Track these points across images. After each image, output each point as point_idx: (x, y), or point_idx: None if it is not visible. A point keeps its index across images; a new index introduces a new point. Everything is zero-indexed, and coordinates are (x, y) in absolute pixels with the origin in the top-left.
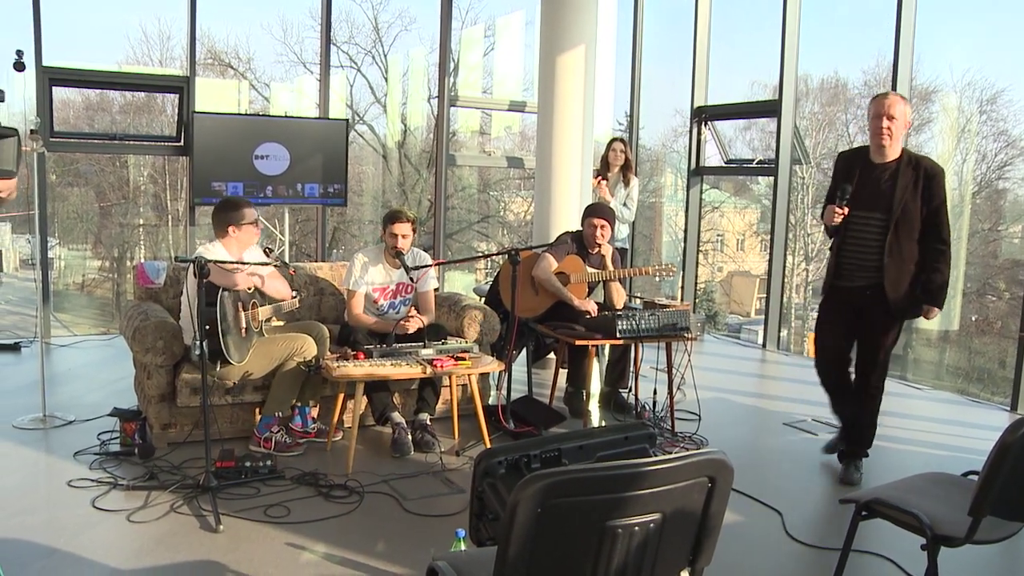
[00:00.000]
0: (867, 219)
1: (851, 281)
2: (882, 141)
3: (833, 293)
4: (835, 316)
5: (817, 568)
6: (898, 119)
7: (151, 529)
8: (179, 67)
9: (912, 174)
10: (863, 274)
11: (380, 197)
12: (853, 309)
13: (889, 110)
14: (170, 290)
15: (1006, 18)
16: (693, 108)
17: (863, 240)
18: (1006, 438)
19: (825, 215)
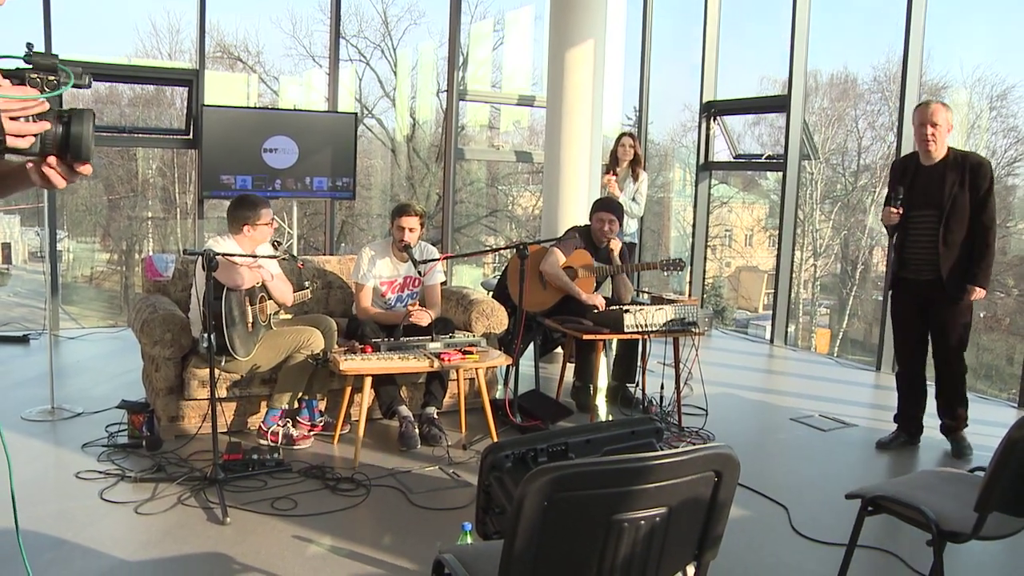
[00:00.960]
0: (922, 216)
1: (916, 275)
2: (928, 147)
3: (901, 285)
4: (906, 312)
5: (823, 563)
6: (941, 125)
7: (158, 521)
8: (188, 60)
9: (959, 169)
10: (926, 267)
11: (388, 191)
12: (921, 301)
13: (932, 118)
14: (178, 283)
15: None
16: (702, 103)
17: (921, 236)
18: (1012, 434)
19: (883, 216)
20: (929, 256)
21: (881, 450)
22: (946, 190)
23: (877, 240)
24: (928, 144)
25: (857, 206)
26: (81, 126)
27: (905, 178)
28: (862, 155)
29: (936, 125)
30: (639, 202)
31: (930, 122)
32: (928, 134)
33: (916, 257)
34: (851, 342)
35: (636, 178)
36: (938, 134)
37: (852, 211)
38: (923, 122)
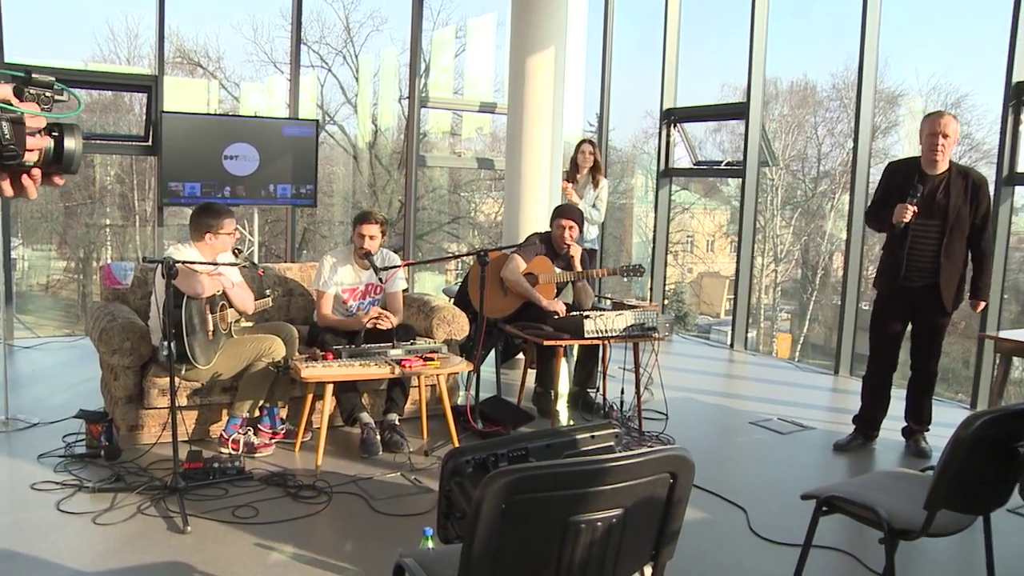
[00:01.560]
0: (925, 226)
1: (911, 282)
2: (936, 156)
3: (893, 294)
4: (893, 320)
5: (780, 564)
6: (950, 137)
7: (117, 531)
8: (147, 66)
9: (962, 184)
10: (922, 275)
11: (350, 198)
12: (911, 306)
13: (944, 129)
14: (138, 291)
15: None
16: (662, 110)
17: (922, 244)
18: (959, 433)
19: (896, 213)
20: (928, 265)
21: (838, 452)
22: (952, 203)
23: (837, 246)
24: (936, 154)
25: (817, 212)
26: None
27: (908, 183)
28: (821, 161)
29: (946, 136)
30: (600, 208)
31: (942, 132)
32: (939, 144)
33: (914, 264)
34: (812, 347)
35: (596, 185)
36: (947, 145)
37: (812, 217)
38: (934, 132)
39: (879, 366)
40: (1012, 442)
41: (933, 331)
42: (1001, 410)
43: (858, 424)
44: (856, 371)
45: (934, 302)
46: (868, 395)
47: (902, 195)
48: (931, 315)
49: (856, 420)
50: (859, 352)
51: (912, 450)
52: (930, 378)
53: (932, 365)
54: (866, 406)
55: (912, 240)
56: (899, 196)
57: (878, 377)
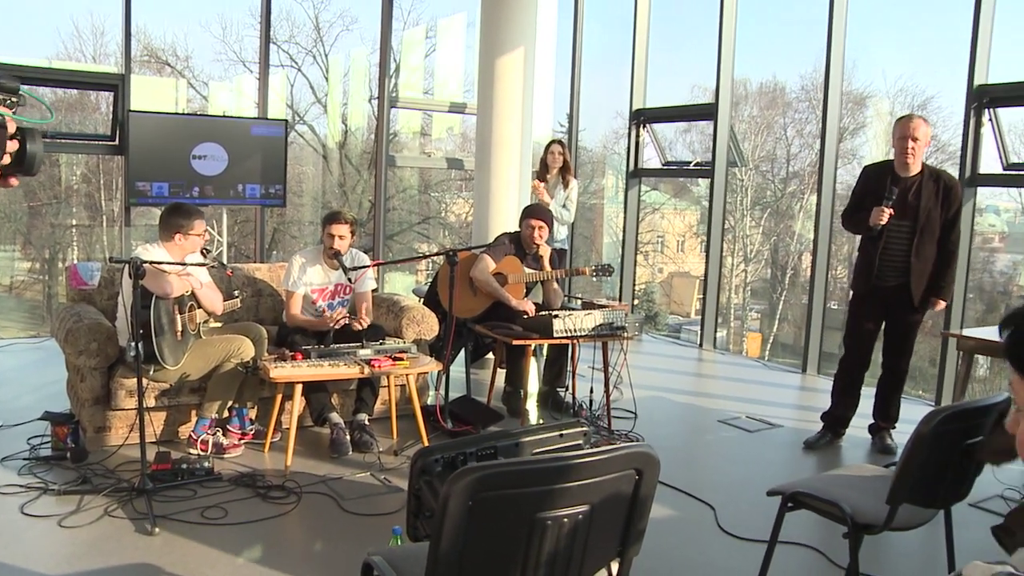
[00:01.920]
0: (898, 226)
1: (884, 281)
2: (906, 159)
3: (867, 293)
4: (867, 320)
5: (748, 560)
6: (920, 139)
7: (84, 534)
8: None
9: (934, 186)
10: (894, 274)
11: (320, 198)
12: (884, 306)
13: (914, 132)
14: (104, 292)
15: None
16: (632, 111)
17: (894, 245)
18: (920, 429)
19: (873, 216)
20: (899, 264)
21: (807, 449)
22: (923, 204)
23: (806, 246)
24: (907, 156)
25: (786, 212)
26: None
27: (882, 185)
28: (791, 162)
29: (916, 139)
30: (569, 208)
31: (911, 136)
32: (908, 148)
33: (886, 264)
34: (782, 346)
35: (566, 185)
36: (917, 148)
37: (781, 217)
38: (904, 135)
39: (851, 364)
40: (971, 437)
41: (905, 330)
42: (961, 406)
43: (827, 421)
44: (824, 369)
45: (906, 301)
46: (839, 393)
47: (877, 198)
48: (903, 314)
49: (825, 417)
50: (827, 351)
51: (878, 447)
52: (900, 376)
53: (903, 363)
54: (836, 404)
55: (885, 241)
56: (874, 198)
57: (850, 375)
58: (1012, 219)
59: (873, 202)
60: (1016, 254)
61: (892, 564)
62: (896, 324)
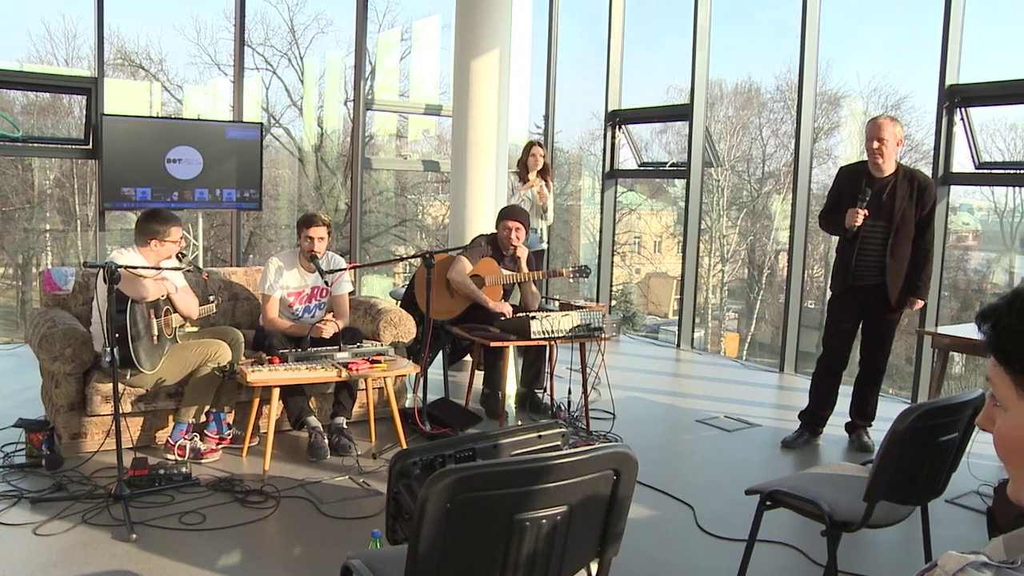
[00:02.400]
0: (873, 226)
1: (861, 280)
2: (876, 159)
3: (845, 293)
4: (845, 320)
5: (727, 559)
6: (888, 139)
7: (59, 542)
8: (87, 67)
9: (908, 186)
10: (871, 273)
11: (296, 201)
12: (861, 305)
13: (880, 133)
14: (79, 296)
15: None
16: (607, 112)
17: (870, 244)
18: (896, 427)
19: (848, 218)
20: (875, 264)
21: (786, 448)
22: (897, 204)
23: (783, 246)
24: (876, 157)
25: (762, 212)
26: None
27: (857, 185)
28: (766, 162)
29: (883, 140)
30: (549, 210)
31: (877, 136)
32: (874, 148)
33: (862, 264)
34: (759, 346)
35: (546, 187)
36: (885, 149)
37: (758, 217)
38: (871, 136)
39: (830, 364)
40: (946, 434)
41: (883, 329)
42: (935, 403)
43: (805, 420)
44: (801, 368)
45: (882, 300)
46: (817, 392)
47: (852, 198)
48: (880, 313)
49: (803, 416)
50: (804, 350)
51: (855, 445)
52: (877, 375)
53: (880, 362)
54: (814, 402)
55: (861, 241)
56: (850, 199)
57: (828, 374)
58: (985, 217)
59: (849, 203)
60: (990, 252)
61: (870, 561)
62: (873, 323)
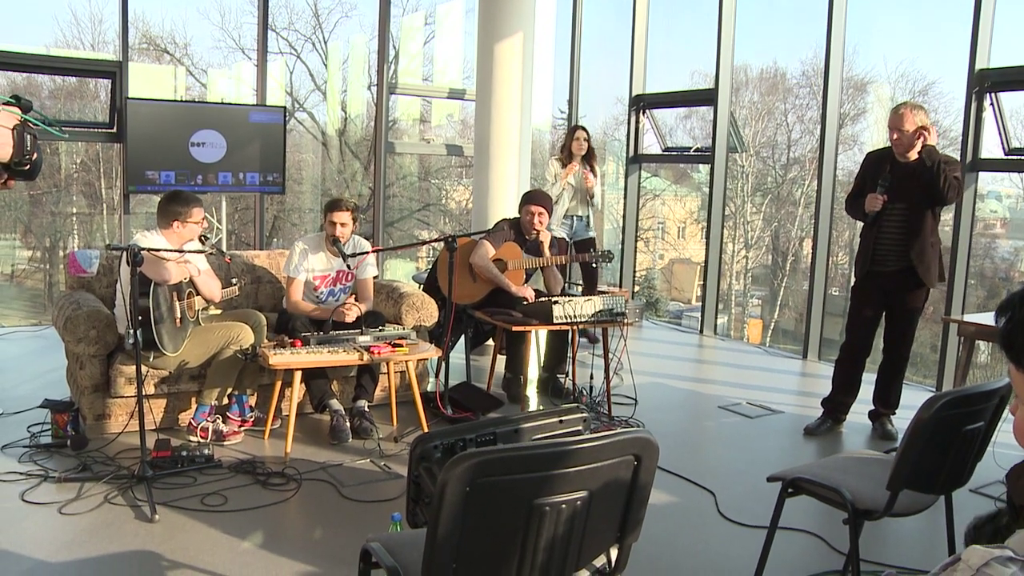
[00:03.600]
0: (892, 210)
1: (884, 266)
2: (897, 150)
3: (868, 278)
4: (868, 306)
5: (748, 546)
6: (908, 129)
7: (84, 521)
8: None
9: (930, 166)
10: (892, 258)
11: (320, 185)
12: (884, 291)
13: (901, 124)
14: (103, 279)
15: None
16: (631, 97)
17: (890, 228)
18: (921, 415)
19: (867, 203)
20: (897, 248)
21: (808, 436)
22: (916, 186)
23: (807, 232)
24: (898, 148)
25: (787, 198)
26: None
27: (882, 170)
28: (791, 148)
29: (903, 131)
30: (598, 195)
31: (897, 128)
32: (894, 139)
33: (882, 249)
34: (783, 332)
35: (594, 172)
36: (904, 138)
37: (782, 203)
38: (892, 127)
39: (853, 351)
40: (972, 423)
41: (907, 315)
42: (961, 392)
43: (827, 407)
44: (824, 356)
45: (908, 285)
46: (839, 379)
47: (876, 184)
48: (905, 299)
49: (825, 403)
50: (827, 337)
51: (879, 433)
52: (901, 363)
53: (904, 350)
54: (836, 390)
55: (880, 226)
56: (874, 185)
57: (851, 361)
58: (1014, 205)
59: (873, 188)
60: (1018, 240)
61: (892, 550)
62: (897, 310)
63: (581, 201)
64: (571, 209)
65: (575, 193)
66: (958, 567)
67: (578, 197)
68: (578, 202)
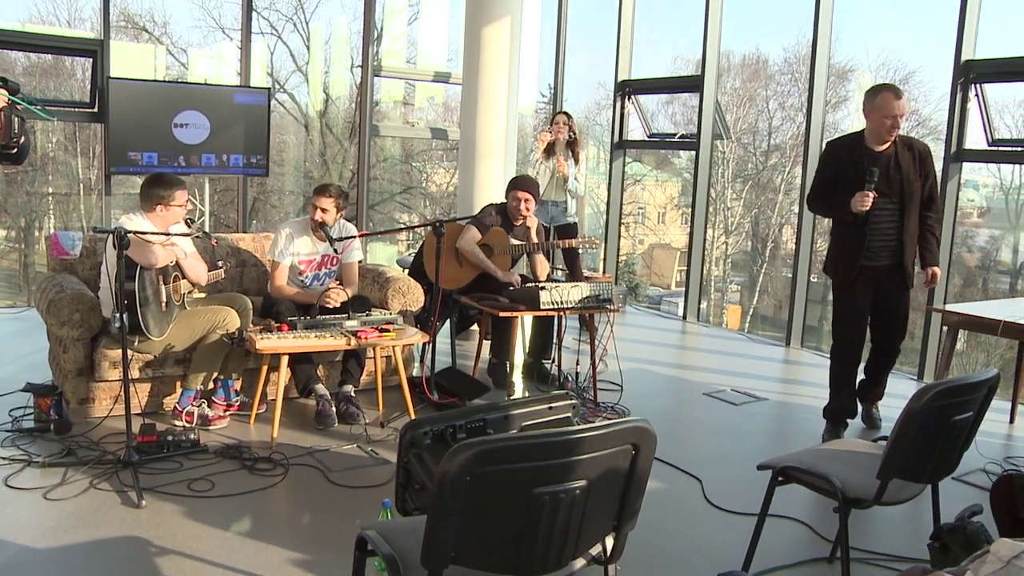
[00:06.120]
0: (883, 205)
1: (874, 261)
2: (888, 136)
3: (854, 278)
4: (859, 305)
5: (735, 532)
6: (904, 114)
7: (69, 506)
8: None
9: (910, 156)
10: (885, 254)
11: (301, 167)
12: (873, 288)
13: (903, 111)
14: (86, 261)
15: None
16: (617, 82)
17: (881, 224)
18: (912, 405)
19: (856, 202)
20: (889, 244)
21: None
22: (903, 177)
23: (787, 218)
24: (892, 134)
25: (767, 185)
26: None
27: (855, 161)
28: (772, 135)
29: (900, 116)
30: (580, 182)
31: (900, 114)
32: (888, 125)
33: (874, 246)
34: (761, 318)
35: (576, 159)
36: (897, 126)
37: (763, 190)
38: (892, 114)
39: (846, 356)
40: (960, 413)
41: (900, 309)
42: (952, 382)
43: (831, 417)
44: (807, 342)
45: (898, 279)
46: (838, 388)
47: (858, 177)
48: (896, 293)
49: (828, 413)
50: (809, 324)
51: (865, 421)
52: (895, 356)
53: (898, 344)
54: (837, 395)
55: (871, 220)
56: (854, 179)
57: (846, 369)
58: (991, 194)
59: (851, 182)
60: (995, 229)
61: (878, 537)
62: (891, 304)
63: (557, 186)
64: (546, 194)
65: (551, 178)
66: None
67: (554, 182)
68: (554, 187)
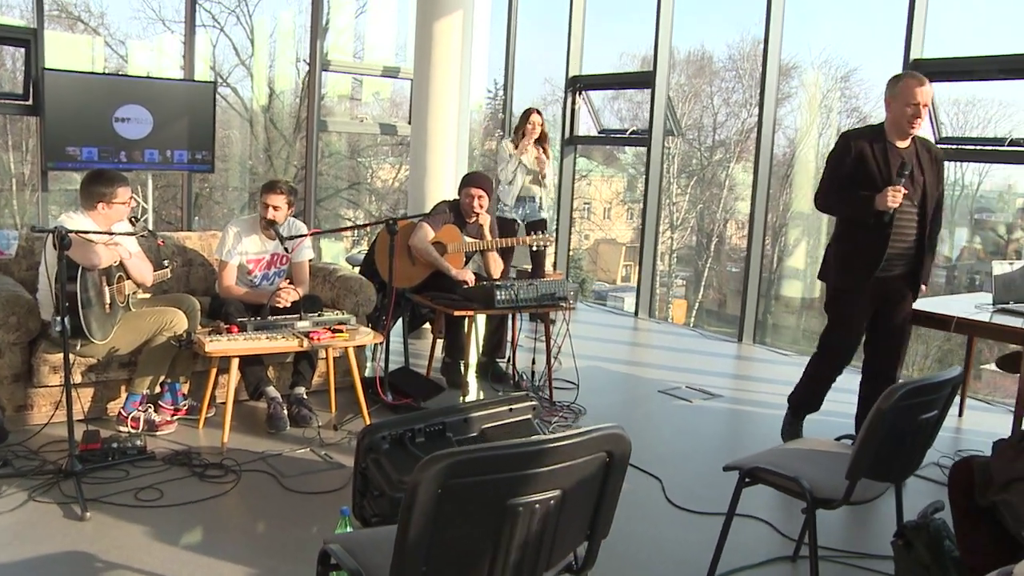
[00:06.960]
0: (905, 207)
1: (888, 271)
2: (914, 127)
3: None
4: (863, 316)
5: (699, 532)
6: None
7: (6, 520)
8: (18, 16)
9: (928, 158)
10: (901, 263)
11: (246, 163)
12: (880, 299)
13: (927, 98)
14: (23, 261)
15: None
16: (568, 77)
17: (903, 228)
18: (881, 405)
19: (888, 198)
20: (909, 251)
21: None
22: (926, 179)
23: (731, 214)
24: (915, 124)
25: (712, 180)
26: None
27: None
28: (717, 131)
29: (924, 106)
30: (550, 178)
31: (922, 103)
32: (909, 114)
33: (898, 251)
34: (706, 312)
35: (547, 155)
36: (921, 117)
37: (708, 185)
38: (916, 102)
39: (833, 364)
40: (927, 412)
41: (902, 325)
42: (919, 382)
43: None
44: (759, 339)
45: (906, 291)
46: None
47: (883, 173)
48: (902, 306)
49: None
50: (761, 320)
51: None
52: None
53: (896, 372)
54: (806, 391)
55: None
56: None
57: (828, 375)
58: None
59: (875, 178)
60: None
61: (841, 535)
62: (895, 320)
63: (534, 183)
64: (524, 191)
65: (527, 173)
66: None
67: (532, 179)
68: (531, 184)
